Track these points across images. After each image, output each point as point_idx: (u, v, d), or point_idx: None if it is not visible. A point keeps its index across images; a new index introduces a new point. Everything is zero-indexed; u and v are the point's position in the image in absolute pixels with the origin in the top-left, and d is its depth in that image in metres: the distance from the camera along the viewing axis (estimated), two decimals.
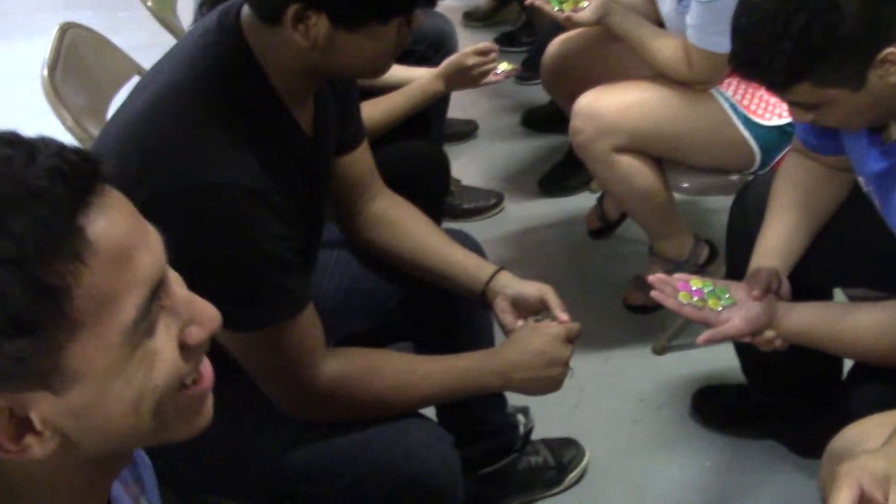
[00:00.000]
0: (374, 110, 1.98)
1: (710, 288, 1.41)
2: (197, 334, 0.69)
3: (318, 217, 1.34)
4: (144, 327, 0.64)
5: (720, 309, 1.38)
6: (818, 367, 1.69)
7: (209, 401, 0.73)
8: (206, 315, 0.69)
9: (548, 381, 1.36)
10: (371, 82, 2.17)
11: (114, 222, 0.62)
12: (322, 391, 1.22)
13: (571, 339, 1.38)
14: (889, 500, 0.95)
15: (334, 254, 1.61)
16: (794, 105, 1.30)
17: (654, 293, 1.40)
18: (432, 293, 1.55)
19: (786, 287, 1.46)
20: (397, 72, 2.23)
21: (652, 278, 1.42)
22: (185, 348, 0.68)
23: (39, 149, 0.61)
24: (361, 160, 1.50)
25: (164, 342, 0.66)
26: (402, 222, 1.51)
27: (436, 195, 2.07)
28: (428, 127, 2.21)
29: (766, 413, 1.91)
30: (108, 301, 0.61)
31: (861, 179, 1.39)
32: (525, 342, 1.36)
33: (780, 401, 1.86)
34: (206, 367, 0.72)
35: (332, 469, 1.27)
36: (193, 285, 0.71)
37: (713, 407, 2.03)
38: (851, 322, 1.36)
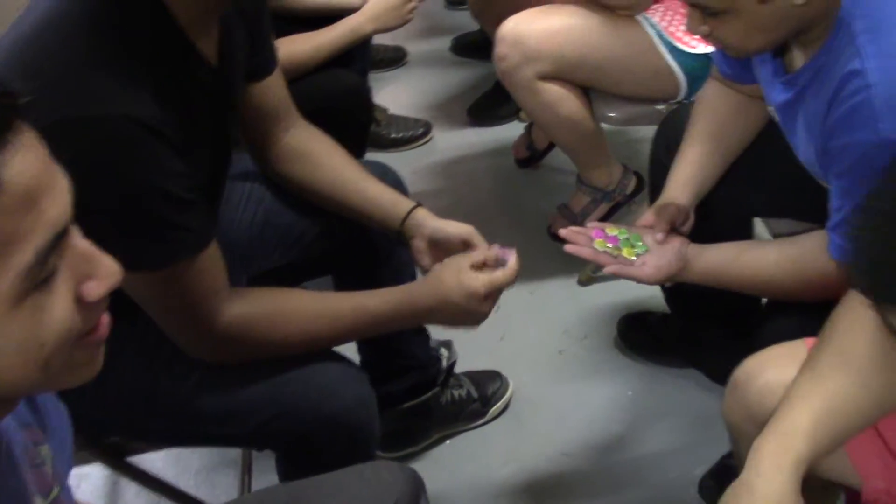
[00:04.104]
0: (297, 47, 1.92)
1: (625, 236, 1.41)
2: (95, 290, 0.65)
3: (224, 149, 1.28)
4: (38, 277, 0.60)
5: (634, 258, 1.38)
6: (738, 297, 1.70)
7: (101, 350, 0.70)
8: (105, 269, 0.66)
9: (468, 321, 1.33)
10: (290, 5, 2.10)
11: (26, 164, 0.59)
12: (224, 334, 1.17)
13: (498, 292, 1.30)
14: None
15: (248, 186, 1.55)
16: (695, 8, 1.23)
17: (567, 246, 1.39)
18: (351, 227, 1.51)
19: (689, 223, 1.47)
20: None
21: (564, 231, 1.41)
22: (82, 303, 0.65)
23: None
24: (274, 89, 1.44)
25: (59, 297, 0.63)
26: (317, 155, 1.46)
27: (357, 127, 2.02)
28: (351, 56, 2.14)
29: (687, 342, 1.94)
30: (6, 243, 0.58)
31: (771, 109, 1.38)
32: (444, 292, 1.27)
33: (702, 330, 1.88)
34: (104, 316, 0.69)
35: (244, 410, 1.24)
36: (86, 228, 0.67)
37: (637, 334, 2.05)
38: (759, 260, 1.37)
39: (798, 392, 1.03)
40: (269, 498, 1.14)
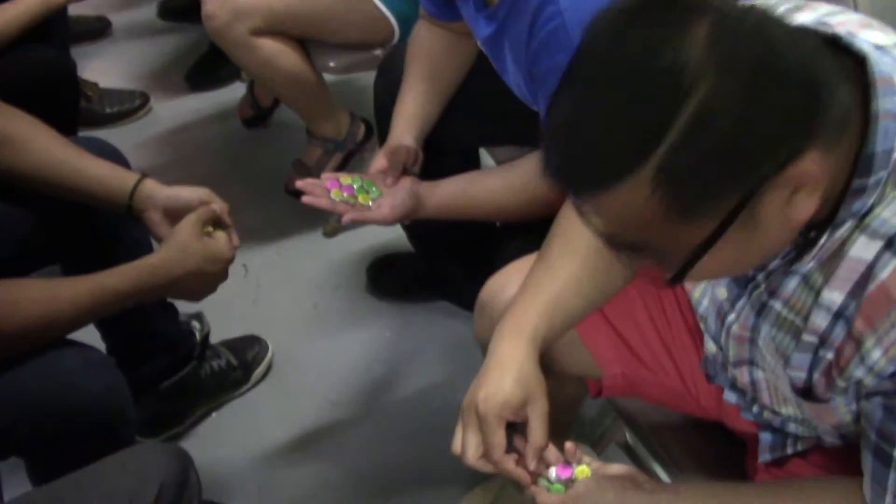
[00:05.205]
0: None
1: (359, 184, 1.45)
2: None
3: None
4: None
5: (370, 203, 1.42)
6: (474, 225, 1.78)
7: None
8: None
9: (208, 286, 1.32)
10: None
11: None
12: None
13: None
14: (530, 426, 1.02)
15: None
16: None
17: (304, 198, 1.40)
18: (72, 209, 1.42)
19: (419, 162, 1.53)
20: None
21: (300, 183, 1.42)
22: None
23: None
24: None
25: None
26: (21, 138, 1.35)
27: (64, 104, 1.89)
28: (47, 29, 1.99)
29: (434, 276, 2.00)
30: None
31: (479, 43, 1.44)
32: (181, 261, 1.28)
33: (445, 263, 1.95)
34: None
35: None
36: None
37: (387, 278, 2.09)
38: (487, 187, 1.45)
39: (532, 281, 1.10)
40: None
